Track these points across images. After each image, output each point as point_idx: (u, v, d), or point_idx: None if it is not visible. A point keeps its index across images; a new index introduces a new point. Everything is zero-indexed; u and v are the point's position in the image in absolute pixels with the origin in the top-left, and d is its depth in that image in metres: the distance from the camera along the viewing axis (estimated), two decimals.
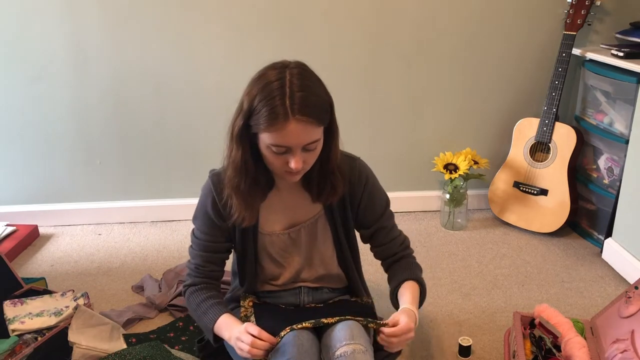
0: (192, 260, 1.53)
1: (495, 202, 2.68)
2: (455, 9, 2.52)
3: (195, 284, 1.51)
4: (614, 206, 2.26)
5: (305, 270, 1.55)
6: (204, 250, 1.51)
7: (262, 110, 1.24)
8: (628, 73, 2.20)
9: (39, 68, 2.49)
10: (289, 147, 1.27)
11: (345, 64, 2.57)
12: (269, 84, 1.25)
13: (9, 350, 1.65)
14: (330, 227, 1.53)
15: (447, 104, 2.68)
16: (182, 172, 2.70)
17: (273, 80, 1.25)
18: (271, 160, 1.32)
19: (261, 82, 1.27)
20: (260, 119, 1.25)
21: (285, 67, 1.28)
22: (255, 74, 1.31)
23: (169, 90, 2.56)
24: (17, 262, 2.38)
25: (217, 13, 2.46)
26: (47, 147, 2.62)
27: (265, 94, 1.24)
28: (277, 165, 1.32)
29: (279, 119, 1.23)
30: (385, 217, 1.56)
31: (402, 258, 1.58)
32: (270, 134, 1.25)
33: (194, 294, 1.50)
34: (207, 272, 1.52)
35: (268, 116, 1.23)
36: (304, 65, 1.32)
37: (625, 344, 1.46)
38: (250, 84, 1.30)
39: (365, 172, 1.51)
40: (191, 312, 1.53)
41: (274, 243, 1.51)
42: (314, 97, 1.26)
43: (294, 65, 1.29)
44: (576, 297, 2.11)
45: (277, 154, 1.29)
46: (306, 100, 1.24)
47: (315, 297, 1.57)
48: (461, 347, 1.77)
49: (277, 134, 1.25)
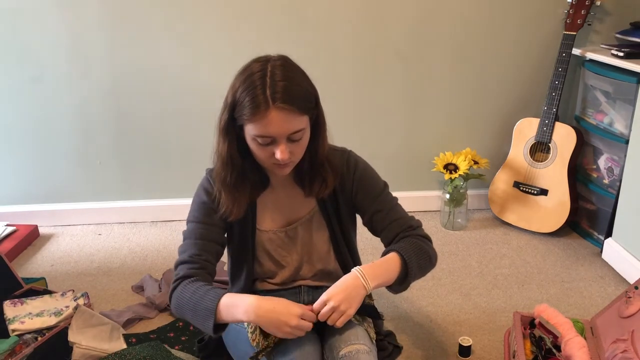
0: (185, 253, 1.42)
1: (495, 202, 2.68)
2: (455, 9, 2.52)
3: (190, 275, 1.38)
4: (614, 206, 2.26)
5: (304, 268, 1.55)
6: (199, 238, 1.42)
7: (245, 100, 1.26)
8: (628, 73, 2.20)
9: (39, 68, 2.49)
10: (273, 138, 1.28)
11: (345, 64, 2.57)
12: (251, 75, 1.27)
13: (9, 350, 1.65)
14: (325, 222, 1.52)
15: (447, 104, 2.68)
16: (182, 172, 2.70)
17: (255, 72, 1.28)
18: (257, 153, 1.33)
19: (244, 74, 1.30)
20: (243, 109, 1.27)
21: (268, 60, 1.31)
22: (240, 68, 1.33)
23: (169, 90, 2.56)
24: (17, 262, 2.38)
25: (217, 13, 2.46)
26: (47, 147, 2.62)
27: (247, 85, 1.27)
28: (264, 157, 1.33)
29: (261, 107, 1.24)
30: (380, 199, 1.50)
31: (403, 238, 1.45)
32: (254, 125, 1.27)
33: (189, 284, 1.35)
34: (202, 261, 1.40)
35: (250, 106, 1.25)
36: (286, 58, 1.34)
37: (625, 344, 1.45)
38: (234, 78, 1.32)
39: (354, 160, 1.50)
40: (183, 304, 1.34)
41: (272, 240, 1.51)
42: (295, 87, 1.27)
43: (277, 58, 1.32)
44: (576, 297, 2.11)
45: (263, 145, 1.30)
46: (287, 89, 1.25)
47: (315, 296, 1.57)
48: (461, 347, 1.77)
49: (259, 123, 1.26)
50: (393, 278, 1.38)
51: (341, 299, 1.28)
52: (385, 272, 1.37)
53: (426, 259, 1.44)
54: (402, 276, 1.39)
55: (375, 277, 1.34)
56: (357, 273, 1.32)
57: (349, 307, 1.29)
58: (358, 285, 1.30)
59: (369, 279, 1.32)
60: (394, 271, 1.37)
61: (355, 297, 1.30)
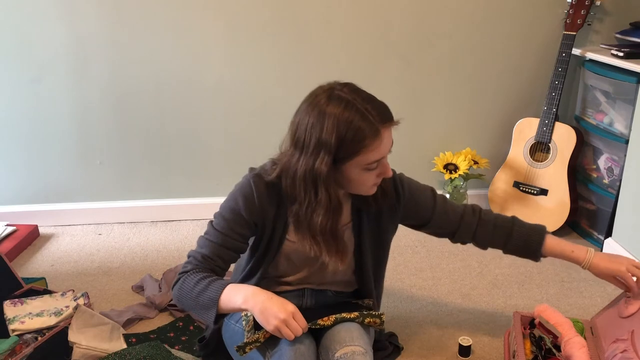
0: (200, 249, 1.43)
1: (495, 202, 2.68)
2: (455, 9, 2.52)
3: (195, 270, 1.40)
4: (614, 206, 2.26)
5: (314, 276, 1.54)
6: (219, 243, 1.42)
7: (356, 135, 1.27)
8: (628, 73, 2.20)
9: (39, 68, 2.49)
10: (382, 158, 1.33)
11: (345, 64, 2.57)
12: (344, 112, 1.28)
13: (9, 350, 1.65)
14: (354, 239, 1.52)
15: (447, 104, 2.68)
16: (182, 172, 2.70)
17: (345, 107, 1.28)
18: (363, 181, 1.35)
19: (331, 114, 1.28)
20: (356, 144, 1.27)
21: (333, 89, 1.33)
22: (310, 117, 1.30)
23: (169, 90, 2.56)
24: (17, 262, 2.38)
25: (218, 13, 2.46)
26: (47, 147, 2.62)
27: (346, 120, 1.27)
28: (370, 182, 1.36)
29: (377, 133, 1.28)
30: (438, 204, 1.59)
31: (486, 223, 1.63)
32: (372, 153, 1.29)
33: (192, 276, 1.37)
34: (213, 265, 1.42)
35: (367, 136, 1.27)
36: (347, 83, 1.37)
37: (625, 344, 1.45)
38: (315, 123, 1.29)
39: (399, 179, 1.56)
40: (185, 295, 1.36)
41: (298, 251, 1.48)
42: (377, 101, 1.33)
43: (341, 86, 1.34)
44: (576, 297, 2.11)
45: (371, 170, 1.33)
46: (378, 106, 1.31)
47: (318, 299, 1.57)
48: (461, 347, 1.77)
49: (377, 149, 1.29)
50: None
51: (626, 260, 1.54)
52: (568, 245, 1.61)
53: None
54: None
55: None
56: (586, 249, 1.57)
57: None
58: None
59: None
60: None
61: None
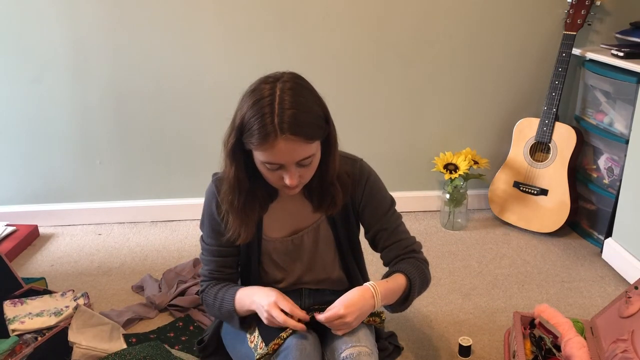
0: (205, 267, 1.52)
1: (495, 202, 2.68)
2: (455, 9, 2.52)
3: (210, 286, 1.51)
4: (614, 206, 2.26)
5: (307, 275, 1.55)
6: (215, 256, 1.49)
7: (253, 127, 1.22)
8: (628, 73, 2.20)
9: (39, 68, 2.49)
10: (281, 164, 1.26)
11: (345, 64, 2.57)
12: (260, 101, 1.23)
13: (9, 350, 1.65)
14: (332, 232, 1.52)
15: (447, 104, 2.68)
16: (182, 172, 2.70)
17: (264, 96, 1.23)
18: (267, 176, 1.32)
19: (253, 97, 1.24)
20: (252, 136, 1.23)
21: (277, 80, 1.26)
22: (248, 87, 1.28)
23: (169, 90, 2.56)
24: (17, 262, 2.38)
25: (218, 13, 2.46)
26: (47, 147, 2.62)
27: (256, 111, 1.22)
28: (273, 180, 1.32)
29: (269, 137, 1.20)
30: (387, 217, 1.51)
31: (405, 259, 1.49)
32: (262, 152, 1.25)
33: (208, 293, 1.49)
34: (222, 276, 1.51)
35: (258, 135, 1.21)
36: (296, 77, 1.29)
37: (625, 344, 1.45)
38: (242, 99, 1.28)
39: (366, 173, 1.49)
40: (212, 310, 1.50)
41: (278, 249, 1.50)
42: (304, 114, 1.23)
43: (287, 79, 1.26)
44: (576, 297, 2.11)
45: (271, 170, 1.28)
46: (296, 118, 1.21)
47: (316, 298, 1.57)
48: (461, 347, 1.77)
49: (267, 152, 1.23)
50: (396, 299, 1.44)
51: (356, 316, 1.32)
52: (394, 293, 1.42)
53: (426, 284, 1.51)
54: (404, 298, 1.44)
55: (386, 297, 1.39)
56: (372, 291, 1.36)
57: (358, 322, 1.35)
58: (370, 303, 1.36)
59: (380, 297, 1.37)
60: (399, 292, 1.43)
61: (365, 313, 1.36)
